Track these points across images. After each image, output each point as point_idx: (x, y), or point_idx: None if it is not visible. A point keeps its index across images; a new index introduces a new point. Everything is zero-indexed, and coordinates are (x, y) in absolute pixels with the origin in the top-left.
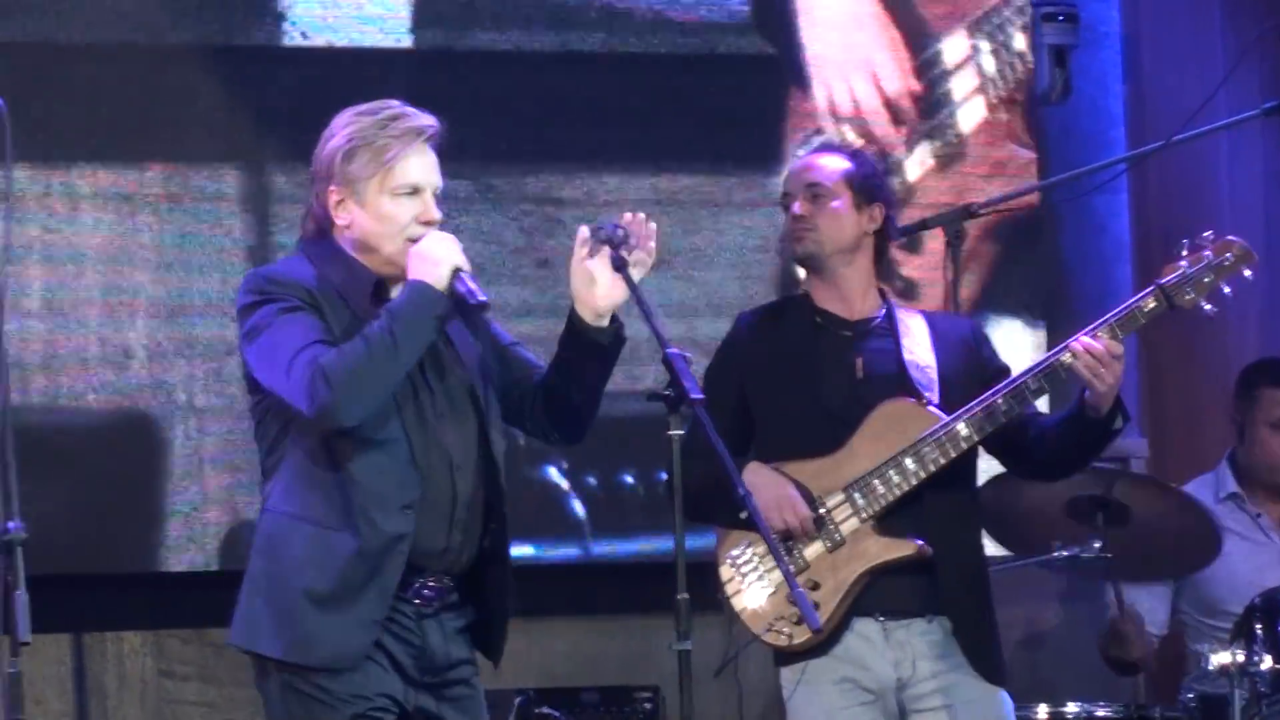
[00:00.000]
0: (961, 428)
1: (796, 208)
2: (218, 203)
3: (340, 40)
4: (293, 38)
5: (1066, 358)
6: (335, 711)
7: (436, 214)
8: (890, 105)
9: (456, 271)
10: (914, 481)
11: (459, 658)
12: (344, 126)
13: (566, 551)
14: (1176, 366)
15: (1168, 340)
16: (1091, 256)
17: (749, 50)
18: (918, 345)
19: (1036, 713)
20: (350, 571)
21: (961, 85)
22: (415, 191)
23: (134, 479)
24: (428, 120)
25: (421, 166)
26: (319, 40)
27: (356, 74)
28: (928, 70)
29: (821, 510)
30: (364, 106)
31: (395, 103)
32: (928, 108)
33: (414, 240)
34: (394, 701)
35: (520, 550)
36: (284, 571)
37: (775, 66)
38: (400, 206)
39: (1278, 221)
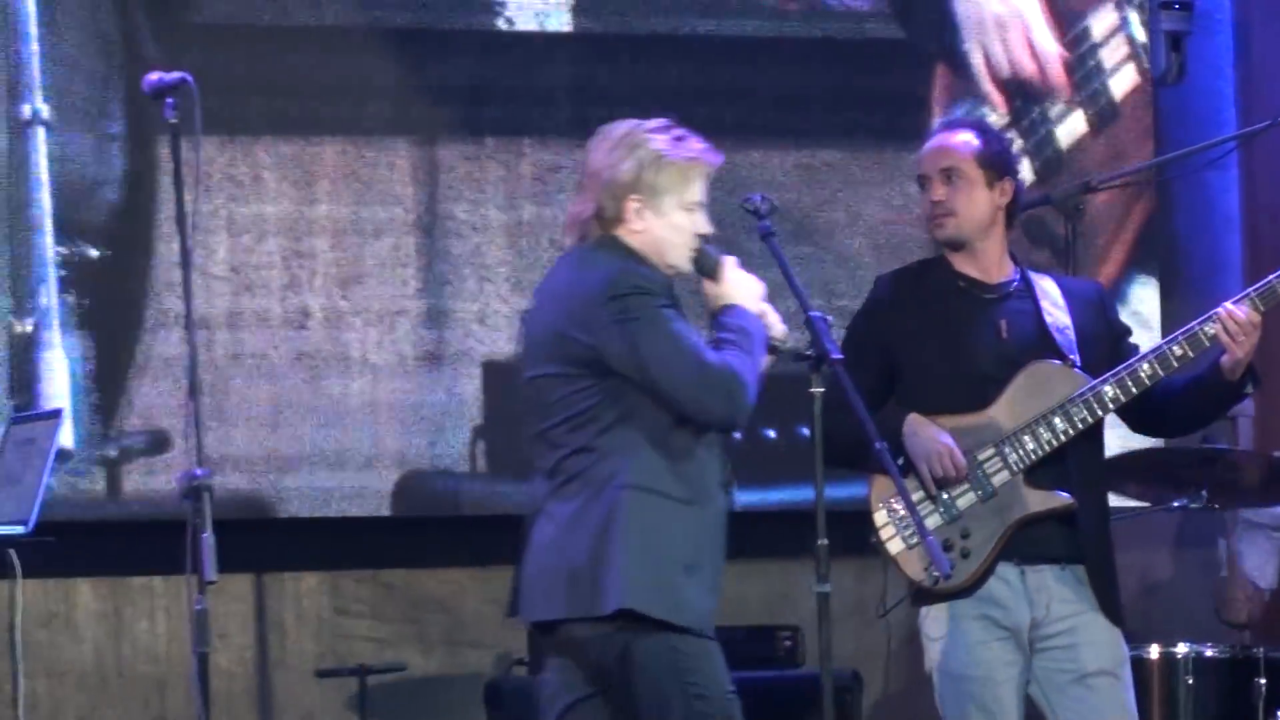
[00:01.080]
0: (1109, 389)
1: (934, 193)
2: (390, 174)
3: (505, 24)
4: (463, 21)
5: (1210, 327)
6: (708, 673)
7: (710, 228)
8: (1042, 78)
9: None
10: (1062, 439)
11: None
12: (645, 141)
13: None
14: None
15: None
16: (1203, 228)
17: (889, 35)
18: (1055, 308)
19: (1149, 653)
20: (705, 542)
21: (1112, 54)
22: (697, 207)
23: (312, 431)
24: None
25: (705, 187)
26: (486, 23)
27: (520, 57)
28: (1078, 44)
29: (974, 463)
30: (651, 125)
31: (668, 121)
32: (1080, 78)
33: (694, 251)
34: None
35: None
36: (660, 542)
37: (915, 50)
38: (690, 220)
39: None
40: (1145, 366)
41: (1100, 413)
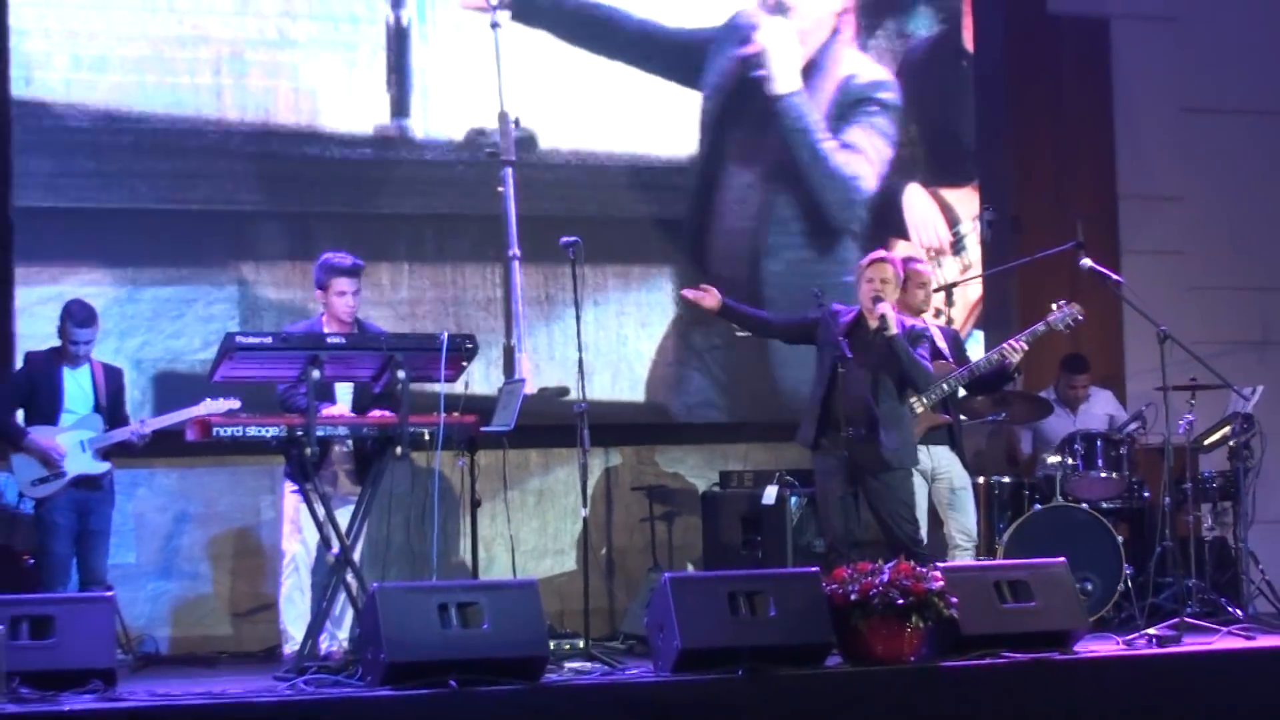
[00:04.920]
0: (959, 379)
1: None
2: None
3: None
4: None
5: (998, 353)
6: None
7: None
8: (940, 245)
9: None
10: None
11: None
12: None
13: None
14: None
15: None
16: (999, 305)
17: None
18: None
19: (979, 480)
20: None
21: (972, 239)
22: None
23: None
24: None
25: None
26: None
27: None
28: (957, 233)
29: None
30: None
31: None
32: (956, 248)
33: None
34: None
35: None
36: None
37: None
38: None
39: None
40: (983, 362)
41: (955, 384)
